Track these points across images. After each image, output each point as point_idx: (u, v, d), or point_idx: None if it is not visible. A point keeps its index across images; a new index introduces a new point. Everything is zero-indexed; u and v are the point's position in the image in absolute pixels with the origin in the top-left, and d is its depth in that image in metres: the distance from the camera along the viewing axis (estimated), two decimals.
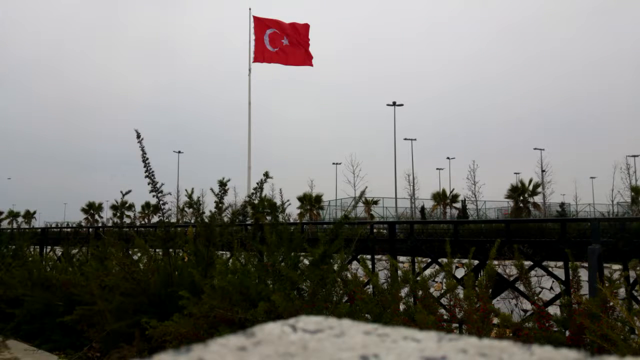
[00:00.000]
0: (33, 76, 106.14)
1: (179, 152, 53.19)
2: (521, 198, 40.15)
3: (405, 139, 44.41)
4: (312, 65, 17.33)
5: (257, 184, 4.08)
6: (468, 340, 0.45)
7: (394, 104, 39.54)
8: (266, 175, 4.04)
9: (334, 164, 48.77)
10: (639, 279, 3.11)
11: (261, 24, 16.97)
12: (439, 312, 3.09)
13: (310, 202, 43.98)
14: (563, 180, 67.15)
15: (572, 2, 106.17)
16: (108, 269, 4.25)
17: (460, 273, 7.92)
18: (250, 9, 17.21)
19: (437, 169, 54.18)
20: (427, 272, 3.49)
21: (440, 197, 45.99)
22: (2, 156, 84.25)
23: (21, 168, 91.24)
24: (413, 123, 73.55)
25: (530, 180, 40.34)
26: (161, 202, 4.21)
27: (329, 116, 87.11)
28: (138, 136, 4.19)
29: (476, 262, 3.72)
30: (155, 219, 41.39)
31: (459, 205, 42.82)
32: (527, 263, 3.50)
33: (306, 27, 17.34)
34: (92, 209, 58.88)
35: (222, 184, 4.08)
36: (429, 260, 4.19)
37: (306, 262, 3.35)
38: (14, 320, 4.78)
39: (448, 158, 52.49)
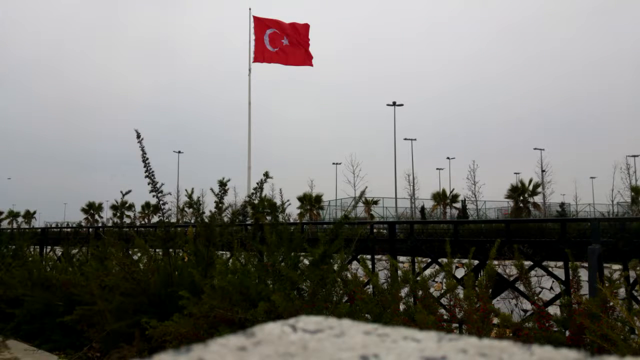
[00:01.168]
0: (33, 76, 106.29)
1: (179, 152, 53.27)
2: (521, 198, 40.14)
3: (405, 139, 44.44)
4: (312, 65, 17.33)
5: (257, 184, 4.09)
6: (468, 340, 0.45)
7: (394, 104, 39.55)
8: (266, 175, 4.04)
9: (334, 164, 48.84)
10: (639, 279, 3.11)
11: (261, 24, 16.97)
12: (439, 312, 3.09)
13: (310, 202, 43.97)
14: (563, 180, 67.27)
15: (572, 2, 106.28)
16: (108, 269, 4.25)
17: (460, 273, 7.92)
18: (250, 9, 17.24)
19: (437, 169, 54.26)
20: (427, 272, 3.49)
21: (440, 197, 45.98)
22: (2, 156, 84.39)
23: (21, 168, 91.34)
24: (413, 123, 73.67)
25: (530, 180, 40.37)
26: (161, 202, 4.21)
27: (329, 116, 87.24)
28: (138, 136, 4.19)
29: (476, 262, 3.72)
30: (155, 219, 41.38)
31: (459, 205, 42.82)
32: (527, 263, 3.50)
33: (306, 27, 17.34)
34: (92, 209, 58.88)
35: (222, 184, 4.08)
36: (429, 260, 4.19)
37: (306, 262, 3.35)
38: (14, 320, 4.78)
39: (448, 158, 52.57)
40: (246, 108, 17.88)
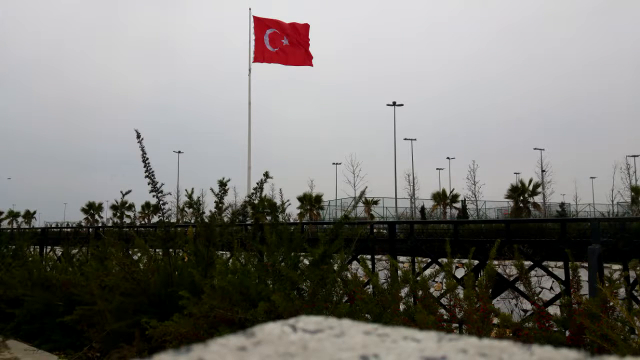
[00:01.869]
0: (33, 76, 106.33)
1: (179, 152, 53.26)
2: (521, 198, 40.14)
3: (405, 139, 44.44)
4: (312, 65, 17.33)
5: (257, 184, 4.08)
6: (468, 340, 0.45)
7: (394, 104, 39.54)
8: (266, 175, 4.03)
9: (334, 164, 48.84)
10: (639, 279, 3.11)
11: (261, 24, 16.97)
12: (439, 312, 3.09)
13: (310, 202, 43.96)
14: (563, 180, 67.23)
15: (572, 2, 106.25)
16: (108, 269, 4.25)
17: (460, 273, 7.92)
18: (250, 9, 17.23)
19: (437, 169, 54.25)
20: (427, 272, 3.49)
21: (440, 197, 45.97)
22: (2, 156, 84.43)
23: (21, 168, 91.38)
24: (413, 123, 73.65)
25: (530, 180, 40.36)
26: (161, 202, 4.21)
27: (329, 116, 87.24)
28: (138, 136, 4.19)
29: (476, 262, 3.72)
30: (155, 219, 41.37)
31: (459, 205, 42.81)
32: (527, 263, 3.50)
33: (306, 27, 17.35)
34: (92, 209, 58.87)
35: (222, 184, 4.07)
36: (429, 260, 4.19)
37: (306, 262, 3.35)
38: (14, 320, 4.78)
39: (448, 158, 52.57)
40: (246, 108, 17.90)
